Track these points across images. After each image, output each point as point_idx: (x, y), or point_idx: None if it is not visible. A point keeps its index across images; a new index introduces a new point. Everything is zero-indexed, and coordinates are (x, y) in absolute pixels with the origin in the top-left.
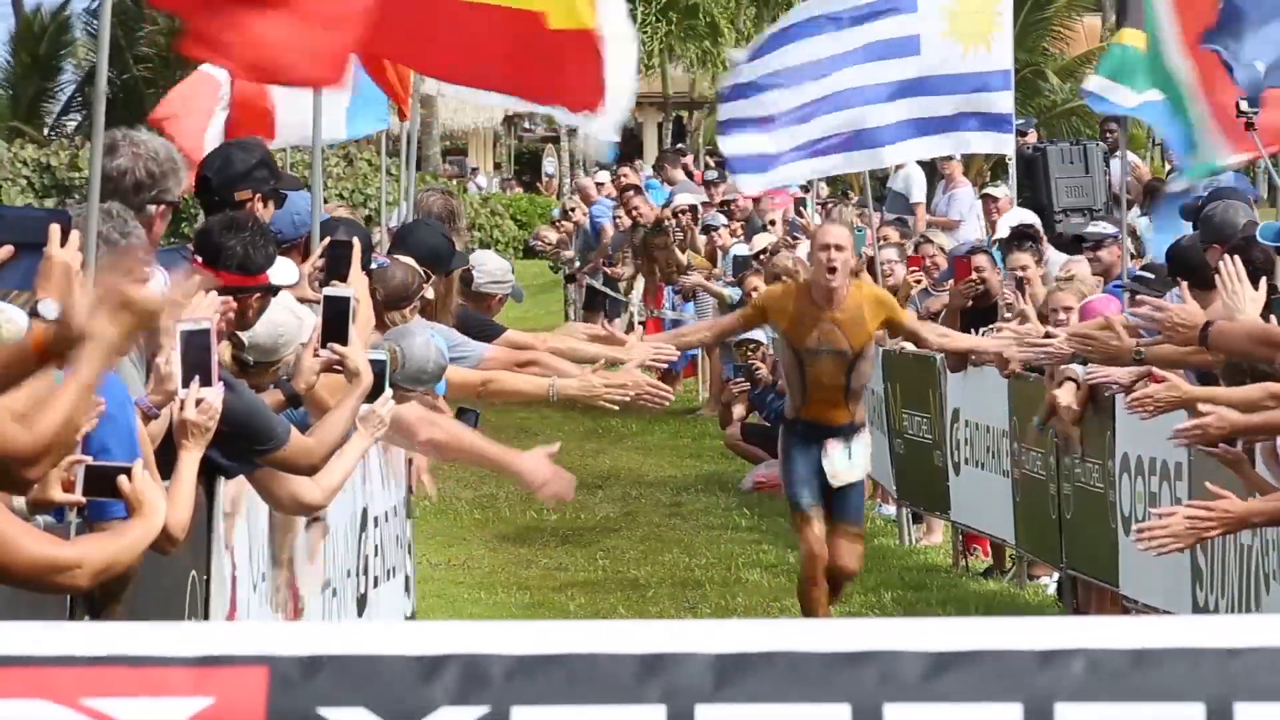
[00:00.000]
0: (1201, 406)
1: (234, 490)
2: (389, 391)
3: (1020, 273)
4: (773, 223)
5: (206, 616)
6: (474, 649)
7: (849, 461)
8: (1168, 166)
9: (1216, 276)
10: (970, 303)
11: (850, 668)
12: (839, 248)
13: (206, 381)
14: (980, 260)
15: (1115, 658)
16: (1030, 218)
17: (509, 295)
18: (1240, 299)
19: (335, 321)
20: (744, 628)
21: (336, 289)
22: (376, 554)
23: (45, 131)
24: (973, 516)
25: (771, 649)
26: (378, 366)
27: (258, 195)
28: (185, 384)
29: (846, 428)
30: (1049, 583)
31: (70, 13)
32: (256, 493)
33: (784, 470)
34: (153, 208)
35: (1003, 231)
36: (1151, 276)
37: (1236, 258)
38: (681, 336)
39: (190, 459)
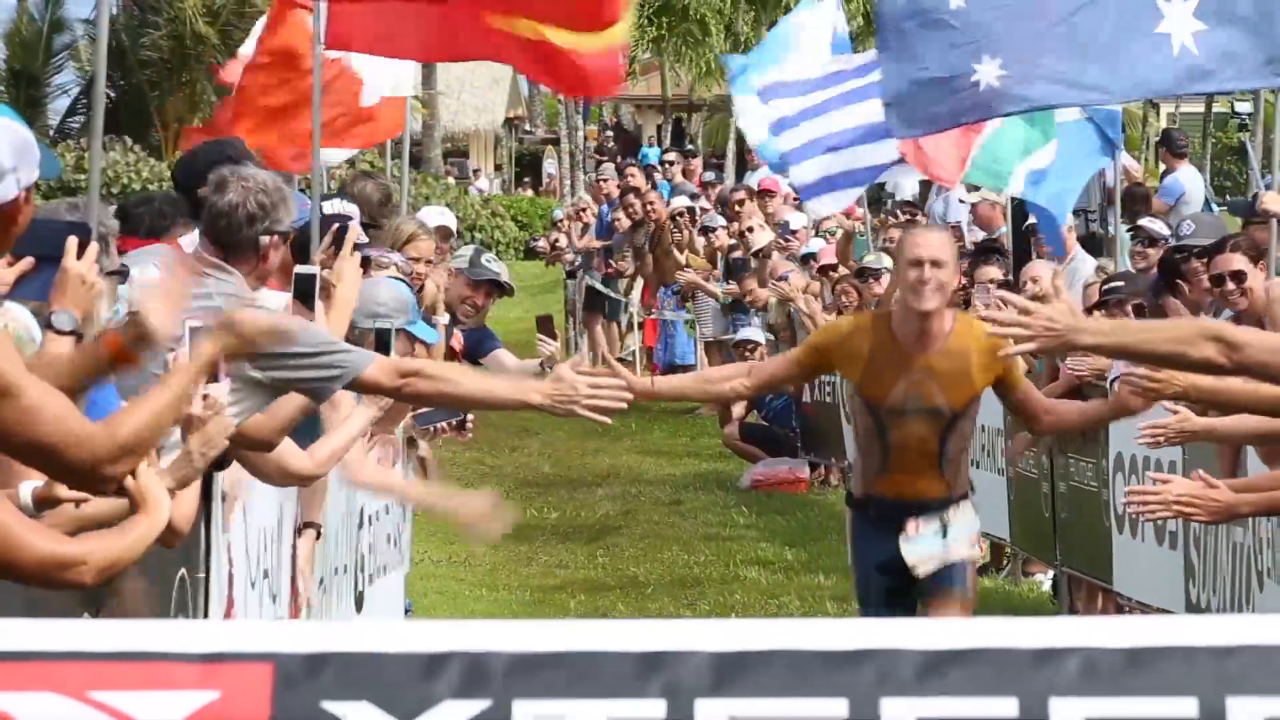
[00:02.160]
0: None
1: (231, 486)
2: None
3: (988, 285)
4: (761, 225)
5: (206, 614)
6: (476, 646)
7: (941, 542)
8: (1162, 167)
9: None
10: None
11: (848, 665)
12: (936, 263)
13: (213, 378)
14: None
15: (1110, 656)
16: None
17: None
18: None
19: (302, 299)
20: (743, 626)
21: (304, 267)
22: (371, 551)
23: (50, 134)
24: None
25: (770, 647)
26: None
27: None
28: None
29: (940, 502)
30: (1044, 580)
31: (64, 15)
32: (244, 468)
33: (853, 563)
34: (265, 239)
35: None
36: (1122, 284)
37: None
38: (714, 383)
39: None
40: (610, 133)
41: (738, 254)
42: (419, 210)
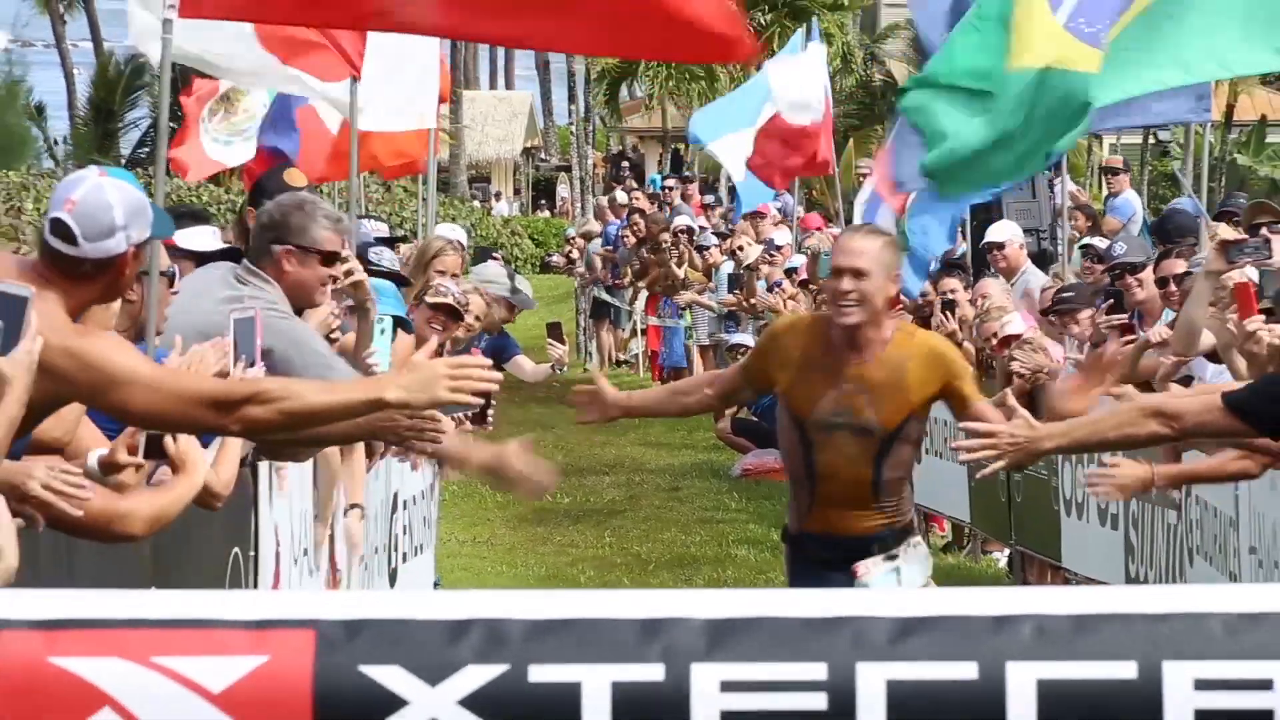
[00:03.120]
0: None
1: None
2: None
3: (949, 294)
4: (750, 243)
5: (256, 586)
6: (496, 614)
7: (898, 586)
8: (1105, 192)
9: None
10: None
11: (827, 632)
12: (857, 273)
13: (251, 363)
14: (952, 281)
15: (1059, 622)
16: (1014, 230)
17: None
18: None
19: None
20: (733, 596)
21: None
22: (405, 533)
23: (121, 162)
24: (933, 499)
25: (758, 615)
26: None
27: None
28: (234, 364)
29: (880, 537)
30: (1000, 557)
31: (144, 58)
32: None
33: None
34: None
35: (994, 235)
36: (1072, 294)
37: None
38: (683, 395)
39: None
40: (626, 162)
41: (731, 269)
42: (438, 227)
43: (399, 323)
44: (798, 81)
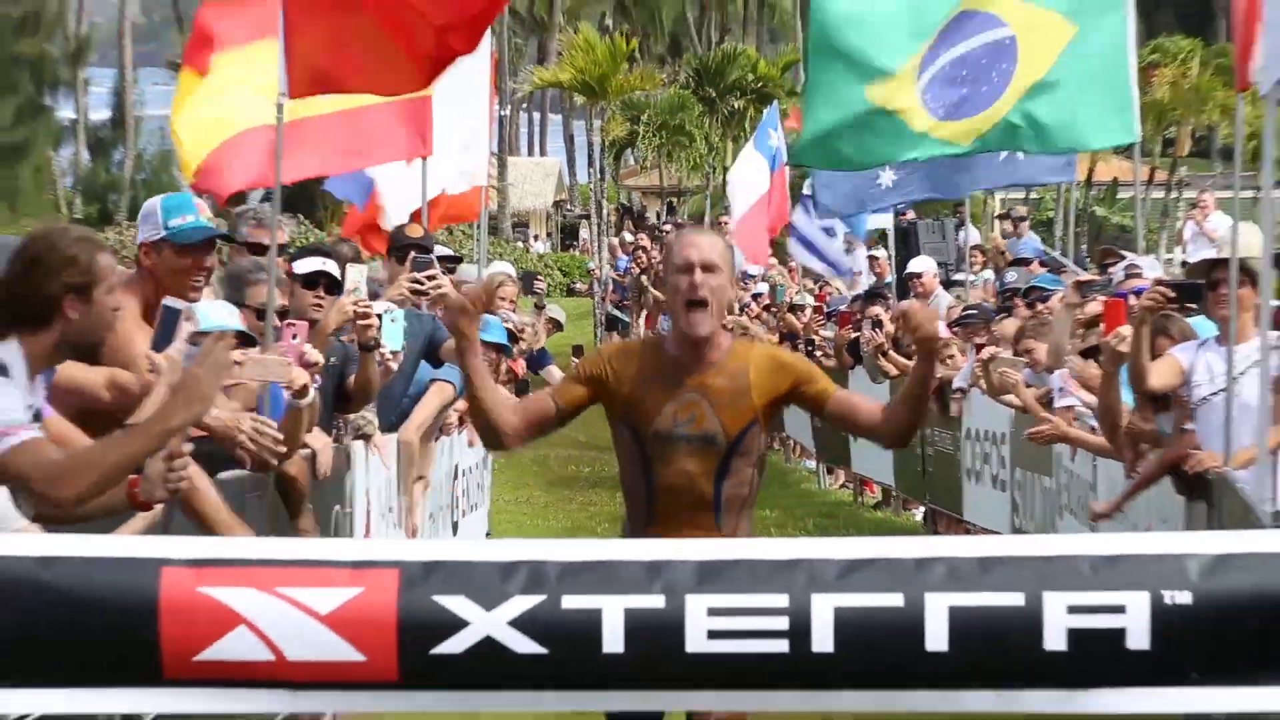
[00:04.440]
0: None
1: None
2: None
3: (876, 316)
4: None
5: (352, 535)
6: (536, 557)
7: None
8: (998, 234)
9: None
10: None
11: (789, 570)
12: (707, 267)
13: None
14: (876, 308)
15: (965, 563)
16: (929, 263)
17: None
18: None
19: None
20: (718, 544)
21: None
22: (464, 495)
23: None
24: (866, 468)
25: (736, 558)
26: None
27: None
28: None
29: None
30: (917, 513)
31: None
32: None
33: None
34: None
35: (913, 267)
36: (975, 312)
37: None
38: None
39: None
40: (636, 209)
41: None
42: (491, 264)
43: (499, 348)
44: (747, 164)
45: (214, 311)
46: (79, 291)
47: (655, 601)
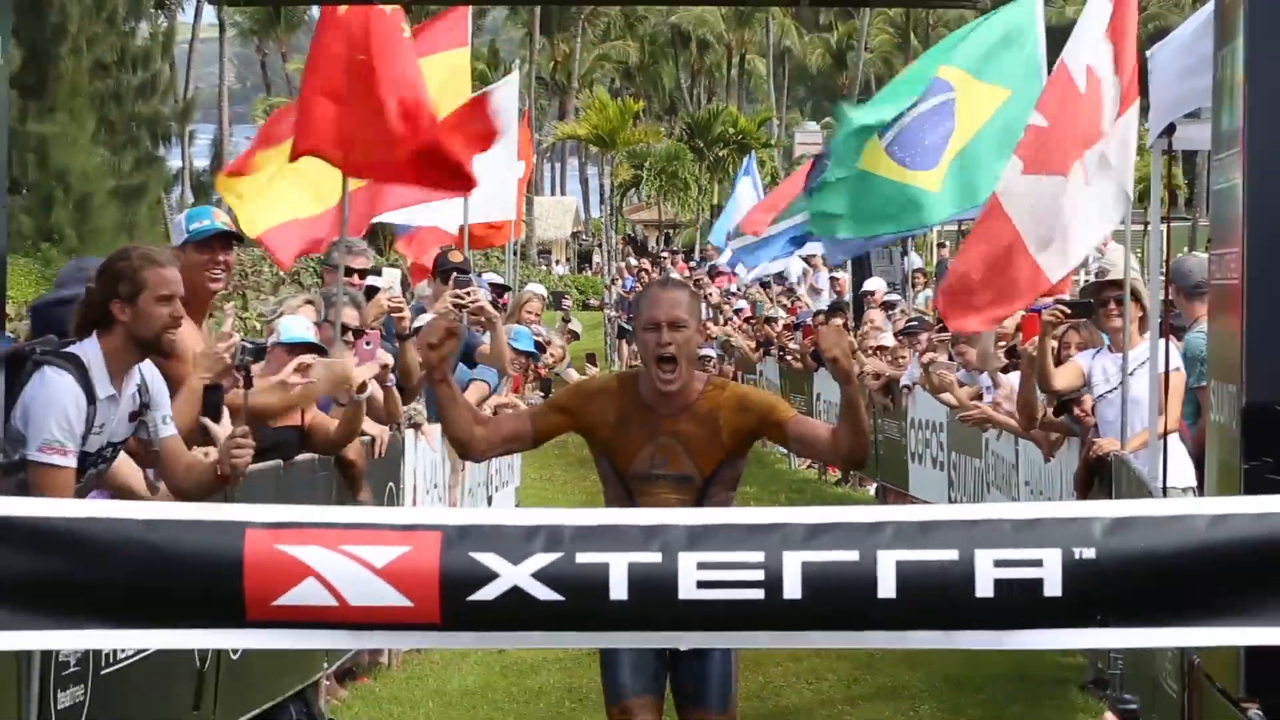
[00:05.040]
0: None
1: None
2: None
3: (837, 324)
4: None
5: (402, 504)
6: (554, 522)
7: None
8: (935, 260)
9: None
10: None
11: (764, 533)
12: (674, 325)
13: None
14: (837, 319)
15: (910, 526)
16: (880, 283)
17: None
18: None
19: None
20: (706, 512)
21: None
22: (497, 473)
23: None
24: None
25: (720, 523)
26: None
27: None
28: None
29: None
30: (871, 488)
31: None
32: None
33: (603, 661)
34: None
35: (868, 286)
36: (917, 324)
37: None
38: (473, 425)
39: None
40: (639, 239)
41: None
42: (525, 285)
43: (528, 355)
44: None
45: (294, 326)
46: (127, 299)
47: (653, 558)
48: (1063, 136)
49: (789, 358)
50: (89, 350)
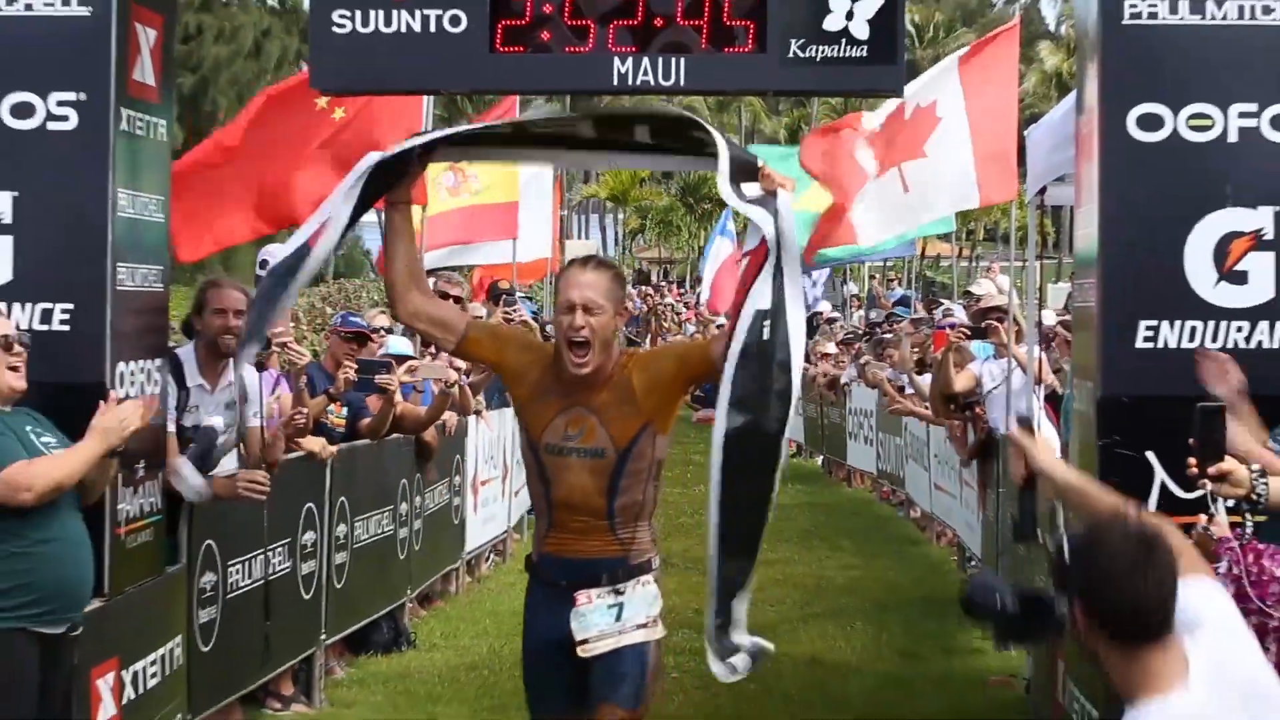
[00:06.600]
0: None
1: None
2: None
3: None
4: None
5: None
6: None
7: (614, 623)
8: (875, 285)
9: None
10: None
11: None
12: (589, 308)
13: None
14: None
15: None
16: (825, 305)
17: None
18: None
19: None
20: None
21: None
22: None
23: None
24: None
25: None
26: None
27: None
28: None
29: (611, 564)
30: (818, 460)
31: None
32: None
33: (523, 645)
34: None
35: (816, 307)
36: (851, 335)
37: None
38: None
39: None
40: (645, 272)
41: (691, 329)
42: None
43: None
44: (715, 248)
45: (395, 342)
46: (198, 313)
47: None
48: (888, 144)
49: None
50: (185, 351)
